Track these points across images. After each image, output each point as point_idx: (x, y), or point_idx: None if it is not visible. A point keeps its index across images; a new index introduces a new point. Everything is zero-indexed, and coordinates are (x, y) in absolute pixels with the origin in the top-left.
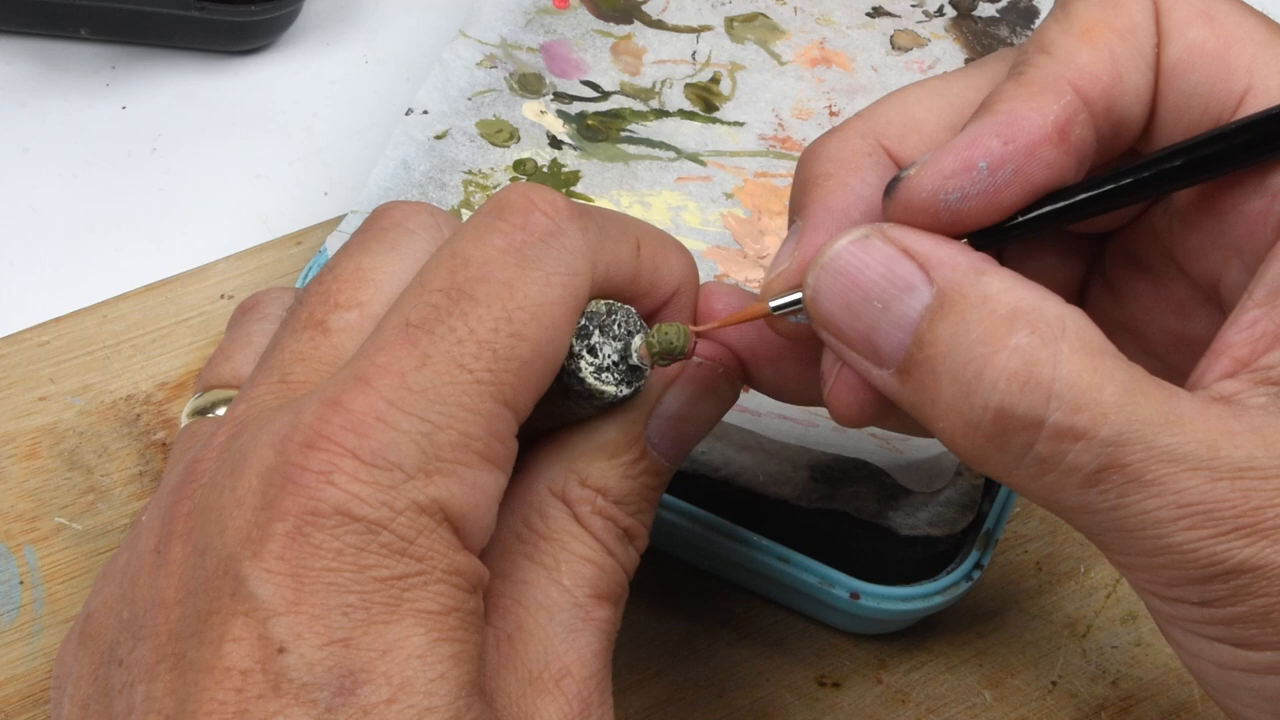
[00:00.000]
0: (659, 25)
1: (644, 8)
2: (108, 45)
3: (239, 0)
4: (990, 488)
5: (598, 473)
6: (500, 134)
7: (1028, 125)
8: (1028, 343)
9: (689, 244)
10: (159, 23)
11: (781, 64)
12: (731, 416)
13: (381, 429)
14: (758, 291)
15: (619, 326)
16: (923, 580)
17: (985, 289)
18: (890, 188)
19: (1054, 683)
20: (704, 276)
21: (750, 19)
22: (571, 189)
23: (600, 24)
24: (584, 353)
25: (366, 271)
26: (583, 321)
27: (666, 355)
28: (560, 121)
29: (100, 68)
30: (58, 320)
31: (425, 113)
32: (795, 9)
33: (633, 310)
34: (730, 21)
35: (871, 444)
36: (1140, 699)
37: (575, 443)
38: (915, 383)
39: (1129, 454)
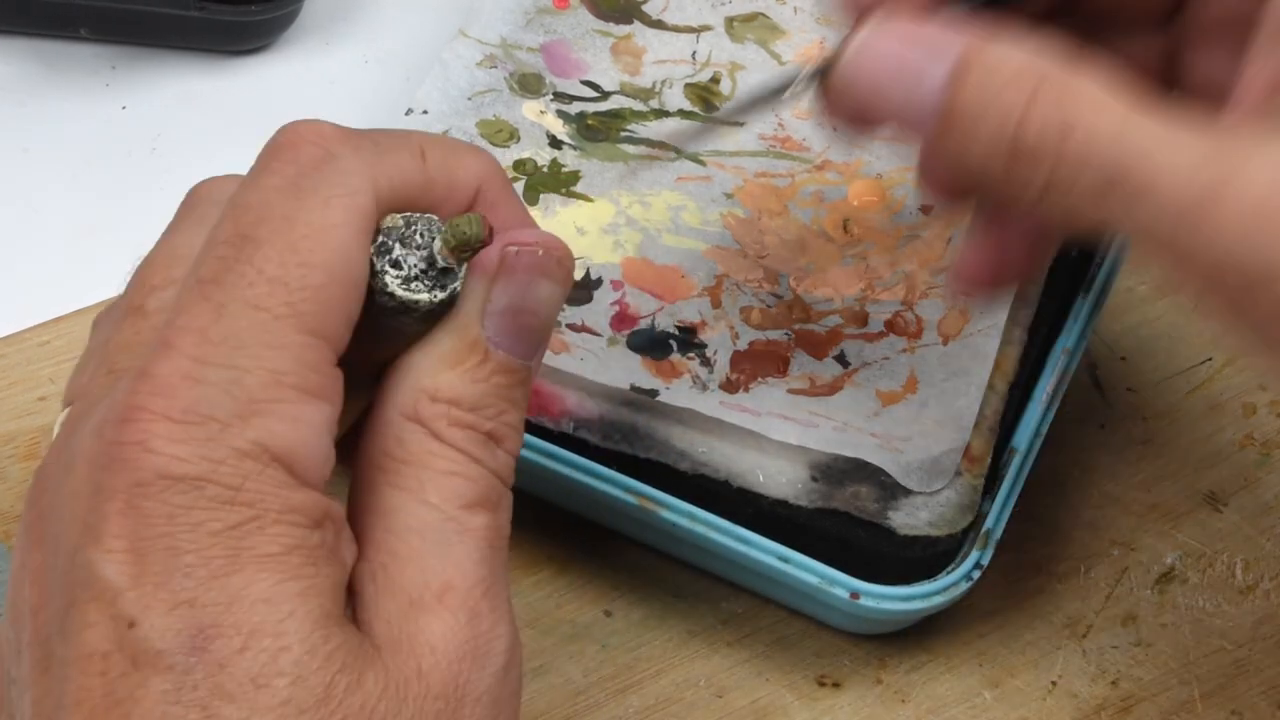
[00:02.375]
0: (659, 25)
1: (644, 8)
2: (108, 45)
3: (239, 0)
4: (990, 488)
5: (445, 385)
6: (500, 134)
7: None
8: (1037, 88)
9: (689, 244)
10: (159, 23)
11: (781, 64)
12: (732, 416)
13: (188, 386)
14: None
15: (421, 236)
16: (923, 580)
17: (996, 53)
18: None
19: (1054, 683)
20: (704, 277)
21: (750, 19)
22: (571, 188)
23: (600, 24)
24: (387, 268)
25: (177, 249)
26: (380, 238)
27: (465, 246)
28: (560, 121)
29: (100, 68)
30: (58, 320)
31: (425, 112)
32: (795, 9)
33: (434, 218)
34: (730, 21)
35: (871, 444)
36: (1140, 699)
37: (416, 362)
38: (951, 139)
39: (1131, 167)
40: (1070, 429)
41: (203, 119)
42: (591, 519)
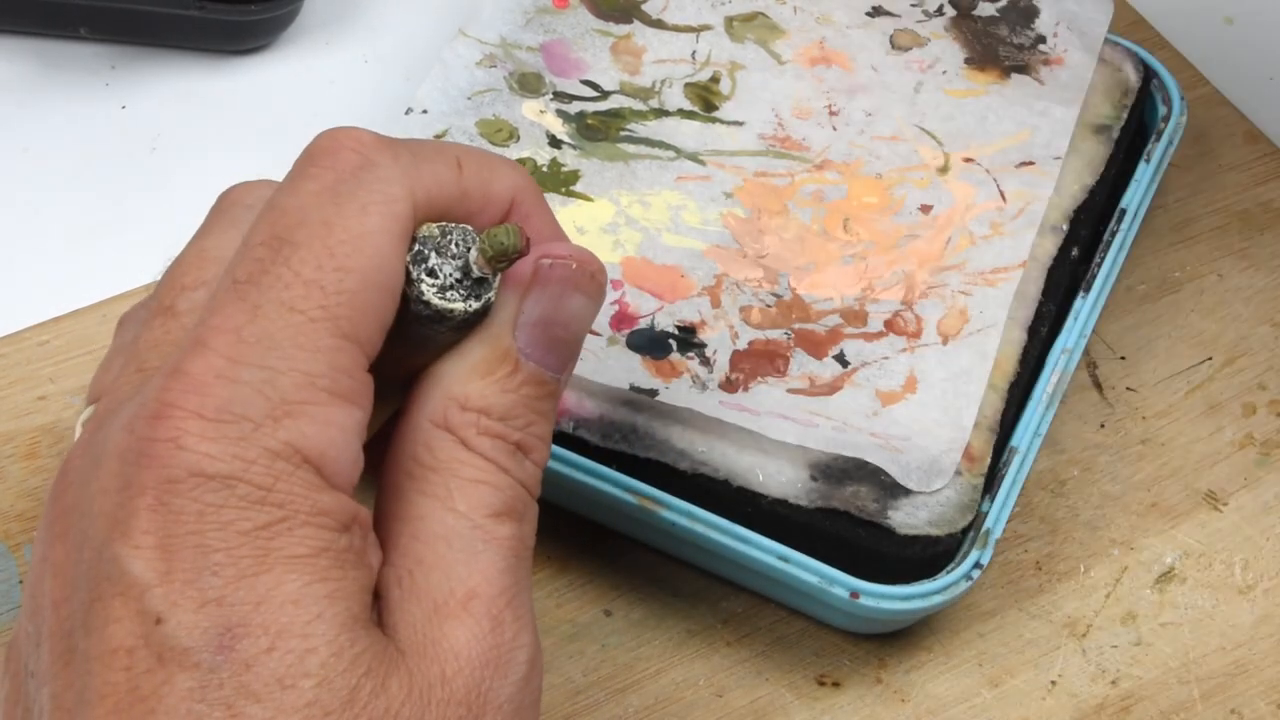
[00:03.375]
0: (658, 25)
1: (643, 7)
2: (107, 45)
3: (239, 0)
4: (990, 487)
5: (476, 393)
6: (500, 133)
7: None
8: None
9: (689, 243)
10: (158, 22)
11: (781, 63)
12: (731, 416)
13: (222, 385)
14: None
15: (456, 246)
16: (923, 580)
17: None
18: None
19: (1054, 683)
20: (704, 276)
21: (750, 18)
22: (571, 188)
23: (600, 23)
24: (423, 276)
25: (209, 251)
26: (416, 246)
27: (502, 257)
28: (560, 121)
29: (100, 67)
30: (58, 320)
31: (425, 112)
32: (795, 9)
33: (469, 228)
34: (730, 21)
35: (871, 444)
36: (1140, 699)
37: (447, 371)
38: None
39: None
40: (1070, 429)
41: (203, 119)
42: (591, 519)
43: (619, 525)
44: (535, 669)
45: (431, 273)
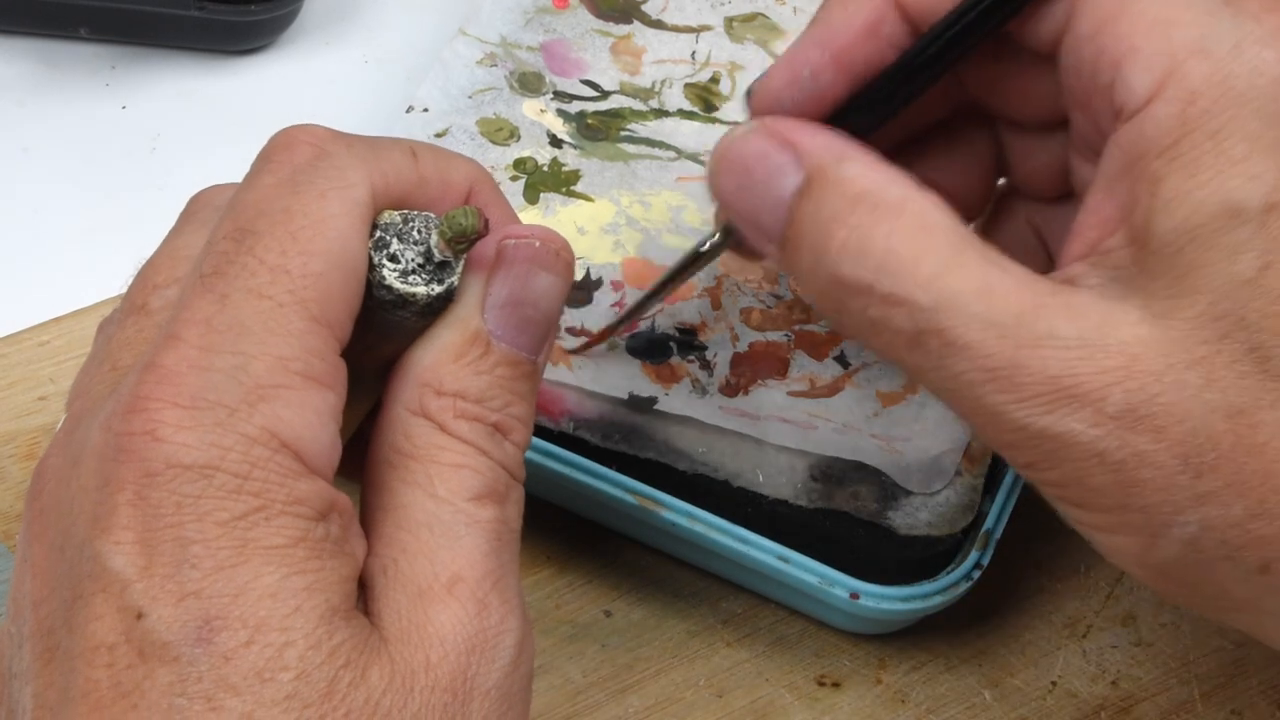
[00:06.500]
0: (658, 25)
1: (643, 7)
2: (107, 45)
3: (239, 0)
4: (990, 488)
5: (450, 377)
6: (500, 132)
7: (841, 29)
8: (865, 219)
9: (689, 244)
10: (159, 22)
11: None
12: (731, 422)
13: (195, 373)
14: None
15: (418, 232)
16: (923, 580)
17: (843, 173)
18: (748, 93)
19: (1054, 683)
20: (704, 277)
21: (750, 19)
22: (571, 188)
23: (600, 23)
24: (385, 261)
25: (179, 250)
26: (378, 234)
27: (461, 238)
28: (560, 120)
29: (100, 68)
30: (58, 320)
31: (425, 111)
32: (795, 9)
33: (430, 215)
34: (730, 21)
35: (871, 445)
36: (1140, 699)
37: (419, 358)
38: (788, 255)
39: (943, 320)
40: None
41: (203, 119)
42: (591, 519)
43: (619, 525)
44: (524, 653)
45: (393, 258)
